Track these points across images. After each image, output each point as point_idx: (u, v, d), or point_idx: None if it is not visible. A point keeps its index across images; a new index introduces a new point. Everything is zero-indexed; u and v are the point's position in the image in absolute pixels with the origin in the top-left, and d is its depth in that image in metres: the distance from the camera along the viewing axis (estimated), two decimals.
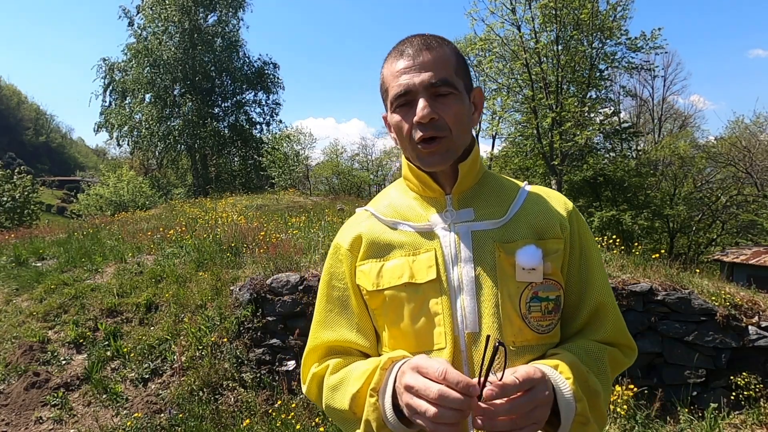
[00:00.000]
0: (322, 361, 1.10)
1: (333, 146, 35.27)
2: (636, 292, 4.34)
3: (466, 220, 1.06)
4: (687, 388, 4.18)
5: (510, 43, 17.44)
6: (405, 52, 1.03)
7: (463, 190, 1.09)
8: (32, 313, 5.23)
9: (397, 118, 1.04)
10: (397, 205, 1.13)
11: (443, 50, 1.03)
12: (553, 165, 16.83)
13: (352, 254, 1.11)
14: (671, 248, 20.50)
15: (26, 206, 19.61)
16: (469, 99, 1.07)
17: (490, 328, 0.98)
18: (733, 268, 16.07)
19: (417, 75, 1.00)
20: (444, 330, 0.99)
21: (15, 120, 69.97)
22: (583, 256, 1.09)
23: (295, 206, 12.64)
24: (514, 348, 0.99)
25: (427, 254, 1.04)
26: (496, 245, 1.03)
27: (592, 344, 1.04)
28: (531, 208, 1.08)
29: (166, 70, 22.84)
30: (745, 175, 21.08)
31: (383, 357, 0.97)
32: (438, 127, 1.00)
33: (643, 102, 29.40)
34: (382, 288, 1.05)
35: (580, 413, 0.91)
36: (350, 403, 0.98)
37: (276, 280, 4.66)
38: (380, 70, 1.10)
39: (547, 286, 1.02)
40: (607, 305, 1.08)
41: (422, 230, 1.07)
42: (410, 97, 1.01)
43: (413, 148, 1.03)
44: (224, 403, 4.06)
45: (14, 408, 4.02)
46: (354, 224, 1.16)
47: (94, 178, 39.60)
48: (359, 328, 1.09)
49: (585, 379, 0.95)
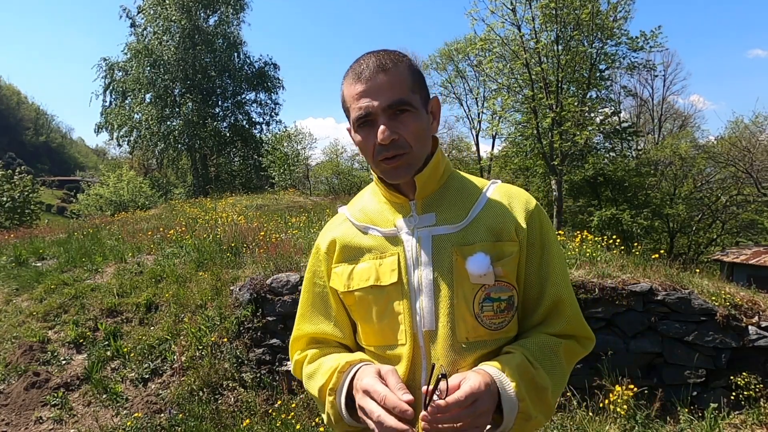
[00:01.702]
0: (304, 350, 1.24)
1: (333, 146, 35.24)
2: (636, 292, 4.33)
3: (428, 225, 1.13)
4: (687, 388, 4.18)
5: (510, 43, 17.42)
6: (362, 74, 1.08)
7: (426, 196, 1.16)
8: (32, 313, 5.23)
9: (360, 138, 1.11)
10: (368, 210, 1.22)
11: (397, 70, 1.08)
12: (553, 165, 16.82)
13: (328, 257, 1.23)
14: (671, 248, 20.50)
15: (26, 206, 19.60)
16: (427, 110, 1.13)
17: (445, 326, 1.08)
18: (733, 268, 16.07)
19: (375, 98, 1.06)
20: (404, 328, 1.10)
21: (15, 120, 69.97)
22: (544, 253, 1.15)
23: (295, 206, 12.65)
24: (465, 345, 1.08)
25: (392, 258, 1.13)
26: (453, 249, 1.10)
27: (548, 338, 1.12)
28: (490, 211, 1.14)
29: (166, 70, 22.86)
30: (745, 175, 21.06)
31: (341, 360, 1.11)
32: (398, 146, 1.07)
33: (643, 102, 29.42)
34: (352, 289, 1.16)
35: (522, 411, 1.00)
36: (318, 394, 1.13)
37: (276, 280, 4.66)
38: (340, 86, 1.16)
39: (499, 288, 1.09)
40: (564, 299, 1.14)
41: (388, 235, 1.16)
42: (371, 119, 1.07)
43: (377, 164, 1.11)
44: (224, 403, 4.06)
45: (14, 408, 4.02)
46: (332, 227, 1.27)
47: (94, 178, 39.56)
48: (336, 322, 1.22)
49: (531, 377, 1.03)
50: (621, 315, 4.33)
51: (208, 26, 24.15)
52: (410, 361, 1.09)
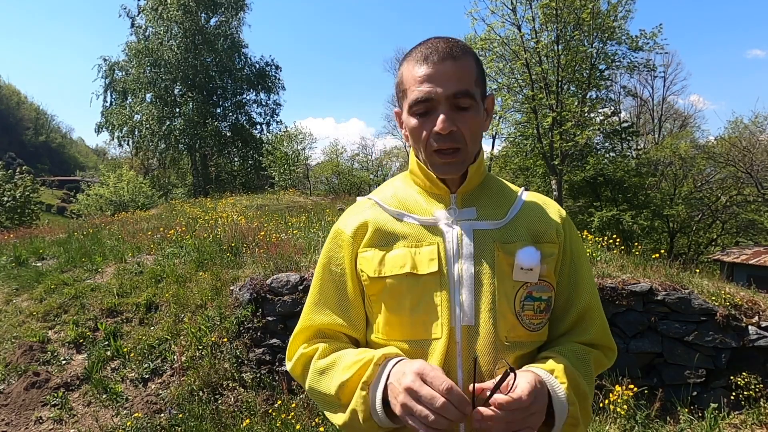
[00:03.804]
0: (312, 343, 1.14)
1: (333, 146, 35.29)
2: (636, 292, 4.33)
3: (469, 219, 1.10)
4: (687, 388, 4.18)
5: (510, 42, 17.43)
6: (429, 57, 1.04)
7: (468, 190, 1.13)
8: (32, 313, 5.23)
9: (415, 123, 1.06)
10: (401, 197, 1.16)
11: (467, 60, 1.05)
12: (553, 165, 16.82)
13: (355, 241, 1.13)
14: (671, 248, 20.49)
15: (26, 206, 19.62)
16: (484, 106, 1.10)
17: (486, 322, 1.03)
18: (733, 268, 16.06)
19: (439, 85, 1.02)
20: (441, 321, 1.04)
21: (15, 120, 69.94)
22: (574, 262, 1.15)
23: (295, 206, 12.65)
24: (507, 343, 1.04)
25: (430, 247, 1.07)
26: (495, 245, 1.07)
27: (580, 347, 1.10)
28: (529, 213, 1.14)
29: (167, 70, 22.85)
30: (745, 175, 21.05)
31: (377, 353, 1.01)
32: (455, 139, 1.04)
33: (644, 102, 29.43)
34: (384, 275, 1.08)
35: (571, 415, 0.97)
36: (337, 390, 1.02)
37: (276, 280, 4.66)
38: (399, 66, 1.12)
39: (540, 287, 1.07)
40: (594, 309, 1.14)
41: (426, 224, 1.10)
42: (430, 105, 1.03)
43: (429, 155, 1.07)
44: (224, 403, 4.06)
45: (14, 408, 4.03)
46: (358, 211, 1.18)
47: (94, 178, 39.56)
48: (351, 315, 1.13)
49: (577, 383, 1.01)
50: (621, 315, 4.33)
51: (209, 27, 24.15)
52: (444, 356, 1.02)
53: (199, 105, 23.31)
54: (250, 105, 26.07)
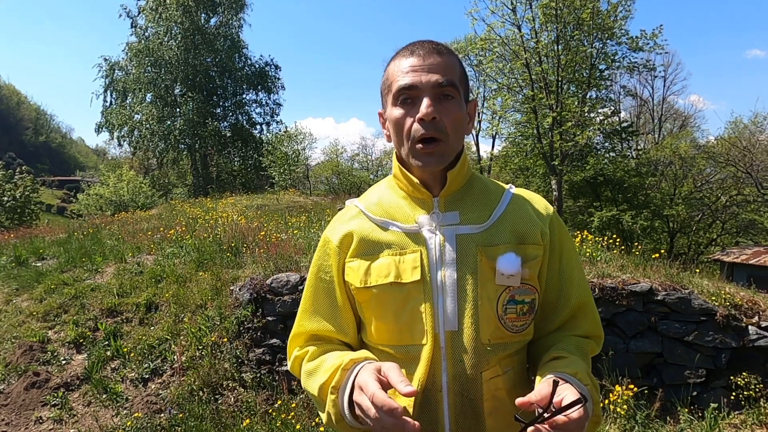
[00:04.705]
0: (304, 346, 1.19)
1: (333, 146, 35.26)
2: (636, 292, 4.33)
3: (452, 223, 1.11)
4: (687, 388, 4.18)
5: (510, 42, 17.42)
6: (415, 52, 1.08)
7: (450, 193, 1.14)
8: (32, 313, 5.23)
9: (399, 113, 1.08)
10: (386, 204, 1.17)
11: (451, 58, 1.09)
12: (553, 165, 16.81)
13: (341, 250, 1.16)
14: (671, 248, 20.48)
15: (27, 206, 19.62)
16: (466, 108, 1.13)
17: (469, 327, 1.06)
18: (733, 268, 16.06)
19: (425, 74, 1.05)
20: (426, 328, 1.07)
21: (15, 120, 69.93)
22: (563, 258, 1.17)
23: (295, 206, 12.65)
24: (489, 347, 1.07)
25: (413, 255, 1.09)
26: (478, 249, 1.09)
27: (581, 341, 1.14)
28: (513, 213, 1.14)
29: (167, 70, 22.85)
30: (745, 175, 21.05)
31: (345, 358, 1.04)
32: (438, 129, 1.05)
33: (644, 102, 29.42)
34: (370, 285, 1.11)
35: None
36: (318, 391, 1.06)
37: (276, 280, 4.66)
38: (385, 68, 1.13)
39: (523, 290, 1.09)
40: (587, 305, 1.18)
41: (409, 231, 1.12)
42: (414, 93, 1.05)
43: (411, 146, 1.08)
44: (224, 403, 4.06)
45: (14, 408, 4.03)
46: (344, 220, 1.20)
47: (94, 178, 39.55)
48: (340, 320, 1.17)
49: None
50: (621, 315, 4.33)
51: (209, 27, 24.14)
52: (430, 361, 1.06)
53: (199, 105, 23.29)
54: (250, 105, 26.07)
